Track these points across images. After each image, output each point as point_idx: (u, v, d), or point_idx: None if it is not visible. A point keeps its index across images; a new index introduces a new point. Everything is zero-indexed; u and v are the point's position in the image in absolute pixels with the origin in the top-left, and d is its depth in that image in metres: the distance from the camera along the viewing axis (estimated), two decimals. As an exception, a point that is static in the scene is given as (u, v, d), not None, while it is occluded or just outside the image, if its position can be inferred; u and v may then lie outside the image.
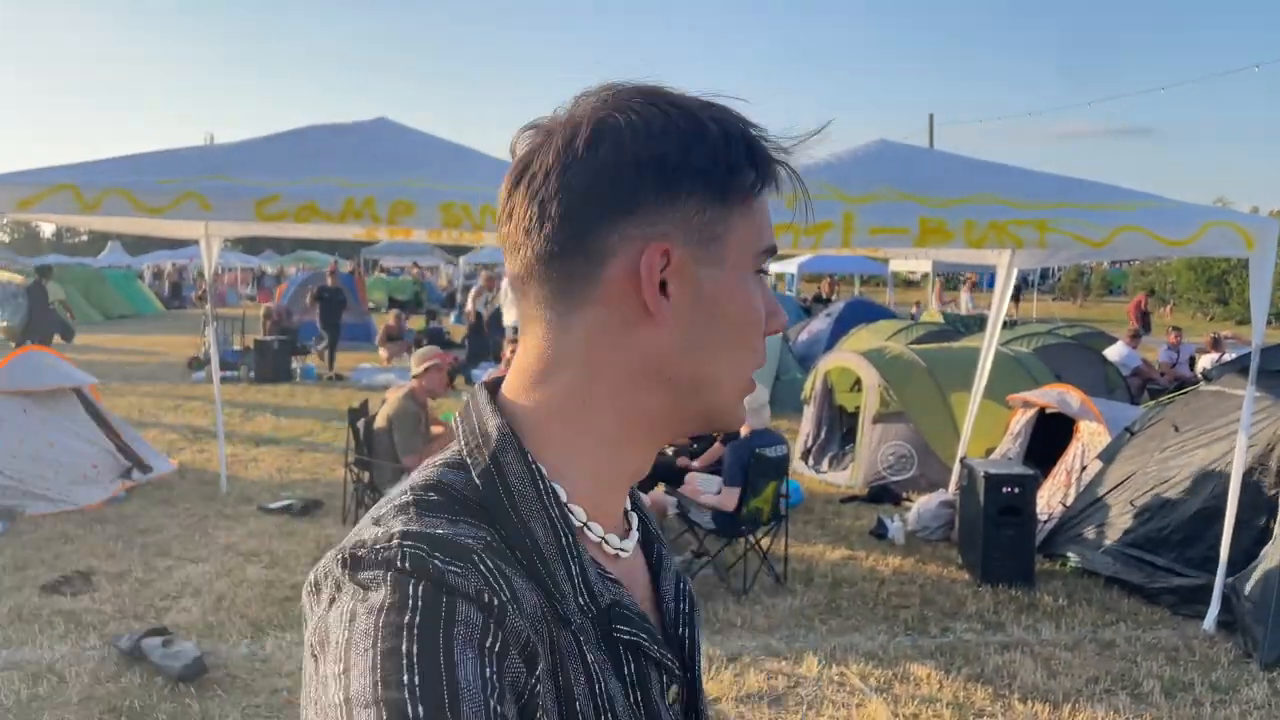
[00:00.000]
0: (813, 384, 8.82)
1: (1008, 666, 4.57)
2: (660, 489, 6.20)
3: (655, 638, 0.72)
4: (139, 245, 37.02)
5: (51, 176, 4.36)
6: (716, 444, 6.53)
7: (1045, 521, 6.22)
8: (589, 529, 0.72)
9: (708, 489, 5.69)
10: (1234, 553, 4.88)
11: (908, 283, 37.06)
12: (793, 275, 27.40)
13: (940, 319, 16.39)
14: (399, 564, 0.60)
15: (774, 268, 30.38)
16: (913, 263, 22.47)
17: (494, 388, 0.76)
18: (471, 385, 11.08)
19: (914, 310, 22.21)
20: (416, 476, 0.70)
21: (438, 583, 0.59)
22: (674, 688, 0.74)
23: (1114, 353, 11.61)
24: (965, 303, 23.57)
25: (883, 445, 7.77)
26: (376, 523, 0.65)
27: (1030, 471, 5.94)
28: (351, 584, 0.60)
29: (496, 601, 0.60)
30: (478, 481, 0.69)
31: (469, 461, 0.70)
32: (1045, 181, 5.14)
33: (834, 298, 21.05)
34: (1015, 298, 17.52)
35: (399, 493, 0.69)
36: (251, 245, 39.65)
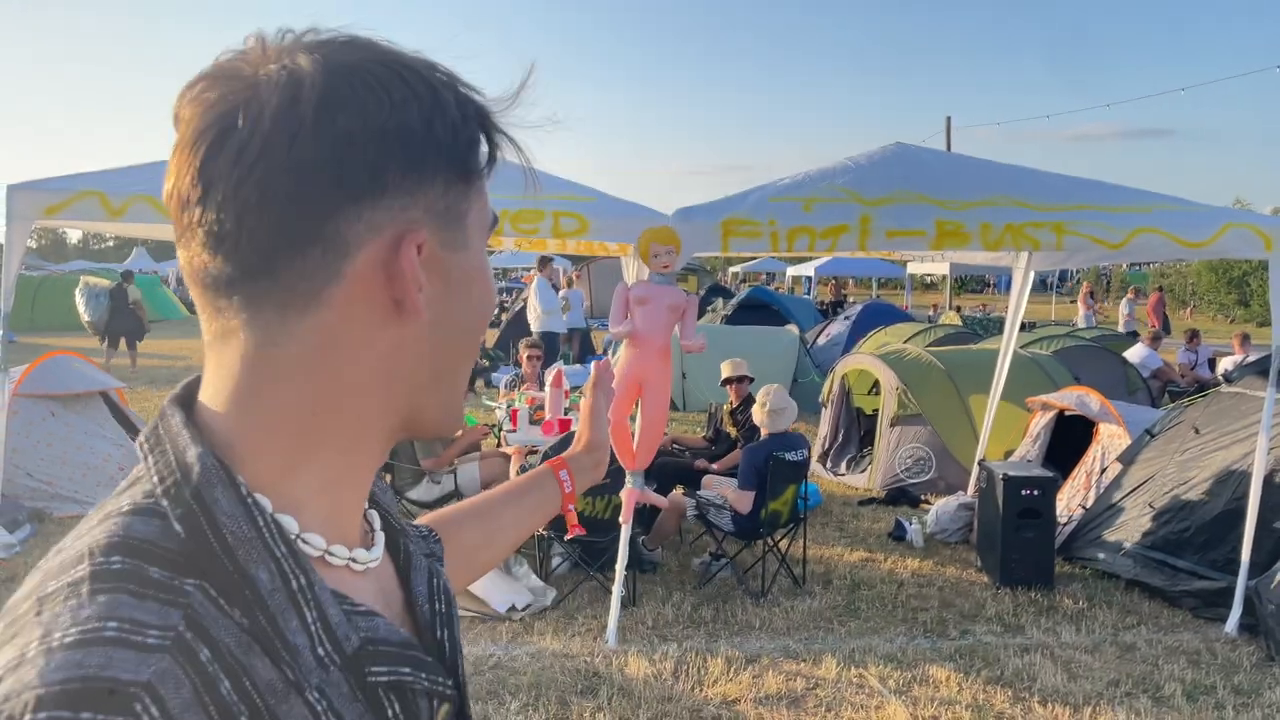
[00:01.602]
0: (830, 386, 8.82)
1: (1027, 669, 4.56)
2: (679, 490, 6.22)
3: (419, 664, 0.64)
4: (164, 250, 37.41)
5: (78, 183, 4.45)
6: (737, 449, 6.55)
7: (1065, 524, 6.19)
8: (331, 555, 0.62)
9: (725, 492, 5.71)
10: (1256, 555, 4.85)
11: (925, 285, 36.90)
12: (810, 279, 27.35)
13: (958, 321, 16.33)
14: None
15: (792, 270, 30.37)
16: (930, 266, 22.39)
17: (188, 405, 0.62)
18: (494, 389, 11.13)
19: (932, 313, 22.13)
20: (99, 529, 0.56)
21: None
22: (445, 706, 0.67)
23: (1134, 354, 11.54)
24: (1084, 317, 19.76)
25: (901, 447, 7.76)
26: (38, 610, 0.52)
27: (1050, 474, 5.92)
28: None
29: None
30: (179, 529, 0.56)
31: (165, 505, 0.57)
32: (1062, 184, 5.14)
33: (850, 299, 21.01)
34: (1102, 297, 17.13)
35: (76, 555, 0.54)
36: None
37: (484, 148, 0.63)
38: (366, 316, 0.60)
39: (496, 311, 19.69)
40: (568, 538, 5.22)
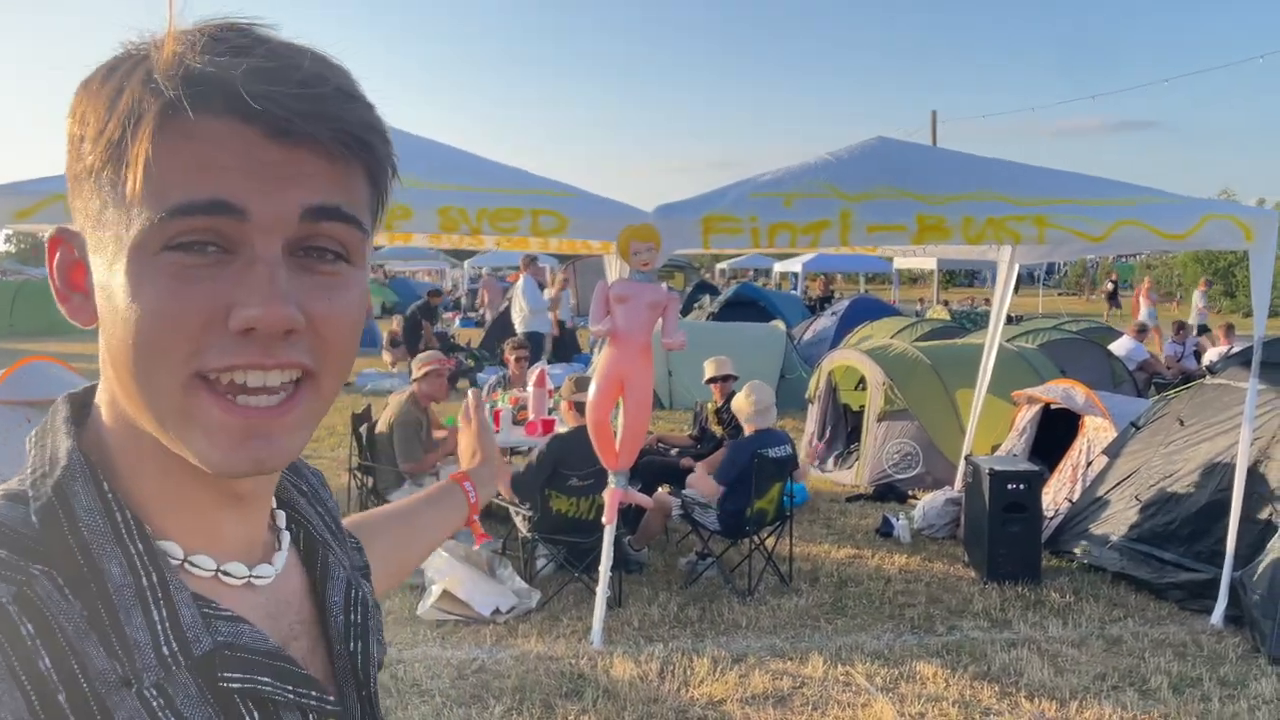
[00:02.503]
0: (817, 383, 8.81)
1: (1014, 664, 4.54)
2: (664, 490, 6.19)
3: (286, 676, 0.62)
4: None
5: (48, 186, 4.37)
6: (723, 447, 6.52)
7: (1051, 518, 6.19)
8: (192, 564, 0.61)
9: (709, 491, 5.67)
10: (1241, 546, 4.85)
11: (913, 280, 36.99)
12: (797, 274, 27.36)
13: (945, 316, 16.35)
14: None
15: (779, 266, 30.37)
16: (917, 260, 22.42)
17: (87, 399, 0.64)
18: (479, 390, 11.03)
19: (919, 307, 22.17)
20: None
21: None
22: None
23: (1120, 347, 11.56)
24: (1147, 314, 16.78)
25: (888, 443, 7.74)
26: None
27: (1035, 468, 5.91)
28: None
29: None
30: (34, 519, 0.57)
31: (31, 494, 0.59)
32: (1044, 177, 5.12)
33: (837, 295, 21.02)
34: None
35: None
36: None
37: (113, 133, 0.56)
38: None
39: (481, 311, 19.53)
40: (475, 546, 5.18)
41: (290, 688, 0.63)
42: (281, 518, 0.72)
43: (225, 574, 0.63)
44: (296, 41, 0.58)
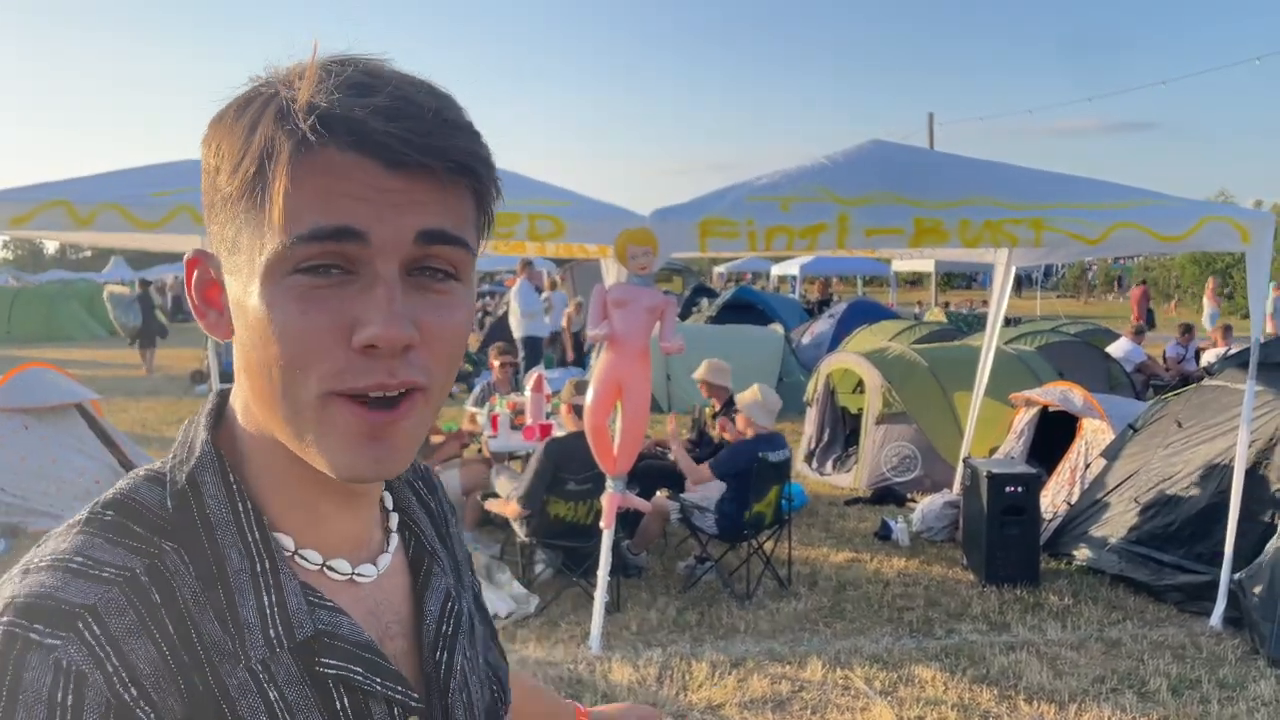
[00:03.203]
0: (815, 386, 8.80)
1: (1013, 667, 4.54)
2: (662, 494, 6.18)
3: (376, 669, 0.67)
4: (142, 260, 37.15)
5: (44, 193, 4.37)
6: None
7: (1050, 520, 6.19)
8: (302, 557, 0.68)
9: (707, 495, 5.67)
10: (1240, 548, 4.85)
11: (911, 283, 37.01)
12: (795, 277, 27.38)
13: (943, 318, 16.35)
14: None
15: (776, 269, 30.38)
16: (915, 263, 22.43)
17: (228, 398, 0.71)
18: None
19: (917, 310, 22.17)
20: (121, 484, 0.67)
21: (19, 662, 0.55)
22: (412, 718, 0.70)
23: (1117, 349, 11.56)
24: (1210, 315, 17.87)
25: (886, 446, 7.74)
26: (45, 541, 0.64)
27: (1034, 470, 5.91)
28: None
29: (90, 671, 0.56)
30: (169, 502, 0.65)
31: (168, 478, 0.67)
32: (1040, 180, 5.13)
33: (836, 298, 21.02)
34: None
35: (92, 502, 0.66)
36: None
37: (249, 168, 0.62)
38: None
39: (479, 315, 19.56)
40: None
41: (379, 680, 0.67)
42: (394, 520, 0.77)
43: (330, 569, 0.69)
44: (410, 75, 0.64)
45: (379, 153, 0.60)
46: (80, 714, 0.55)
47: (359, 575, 0.70)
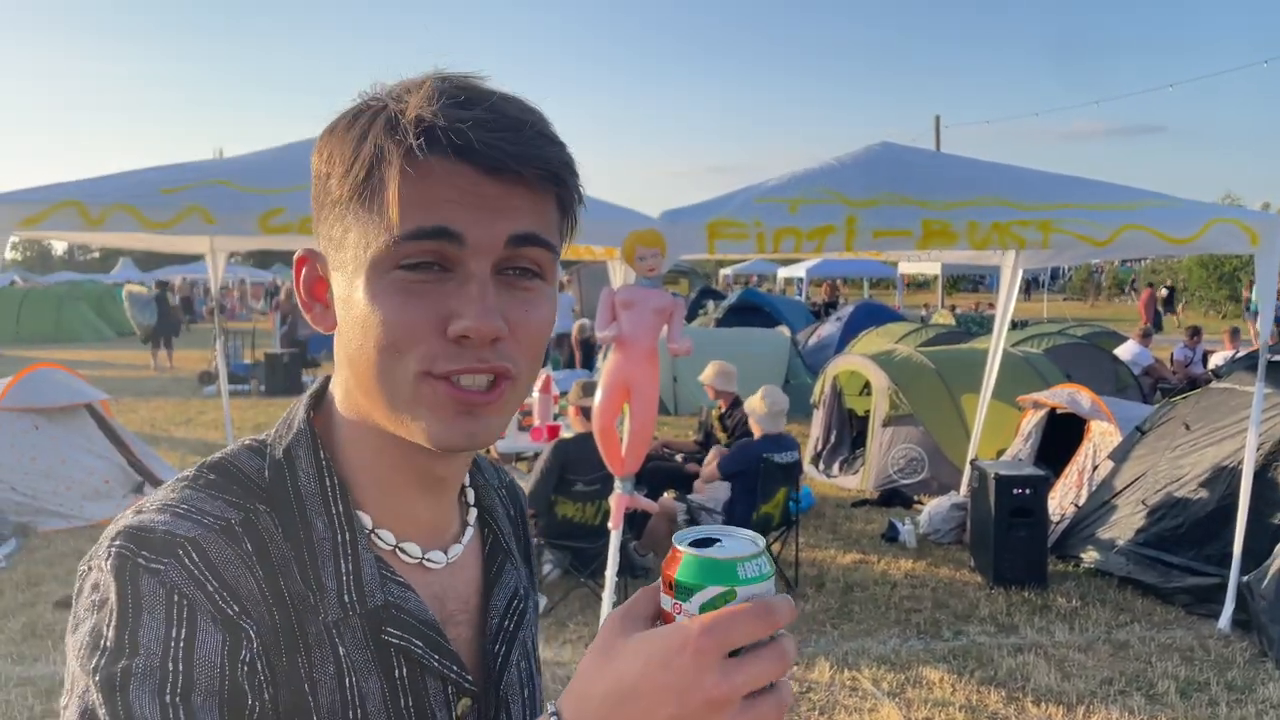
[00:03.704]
0: (822, 388, 8.80)
1: (1021, 669, 4.54)
2: (670, 495, 6.19)
3: (436, 646, 0.72)
4: (151, 260, 37.27)
5: (56, 193, 4.39)
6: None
7: (1058, 522, 6.18)
8: (378, 536, 0.73)
9: (715, 496, 5.68)
10: (1249, 550, 4.84)
11: (918, 285, 36.96)
12: (801, 280, 27.36)
13: (951, 321, 16.33)
14: (106, 562, 0.64)
15: (783, 272, 30.36)
16: (922, 265, 22.41)
17: (327, 384, 0.78)
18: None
19: (924, 312, 22.15)
20: (225, 450, 0.74)
21: (133, 578, 0.63)
22: (465, 700, 0.74)
23: (1125, 351, 11.53)
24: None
25: (893, 448, 7.74)
26: (162, 491, 0.71)
27: (1041, 472, 5.90)
28: (88, 565, 0.66)
29: (191, 591, 0.63)
30: (267, 471, 0.72)
31: (268, 450, 0.74)
32: (1048, 182, 5.12)
33: (843, 300, 21.00)
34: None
35: (200, 462, 0.73)
36: (263, 259, 39.89)
37: (359, 172, 0.67)
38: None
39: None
40: None
41: (437, 657, 0.72)
42: (473, 514, 0.82)
43: (402, 550, 0.74)
44: (504, 91, 0.70)
45: (478, 160, 0.65)
46: (194, 623, 0.63)
47: (429, 561, 0.75)
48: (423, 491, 0.75)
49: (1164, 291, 28.32)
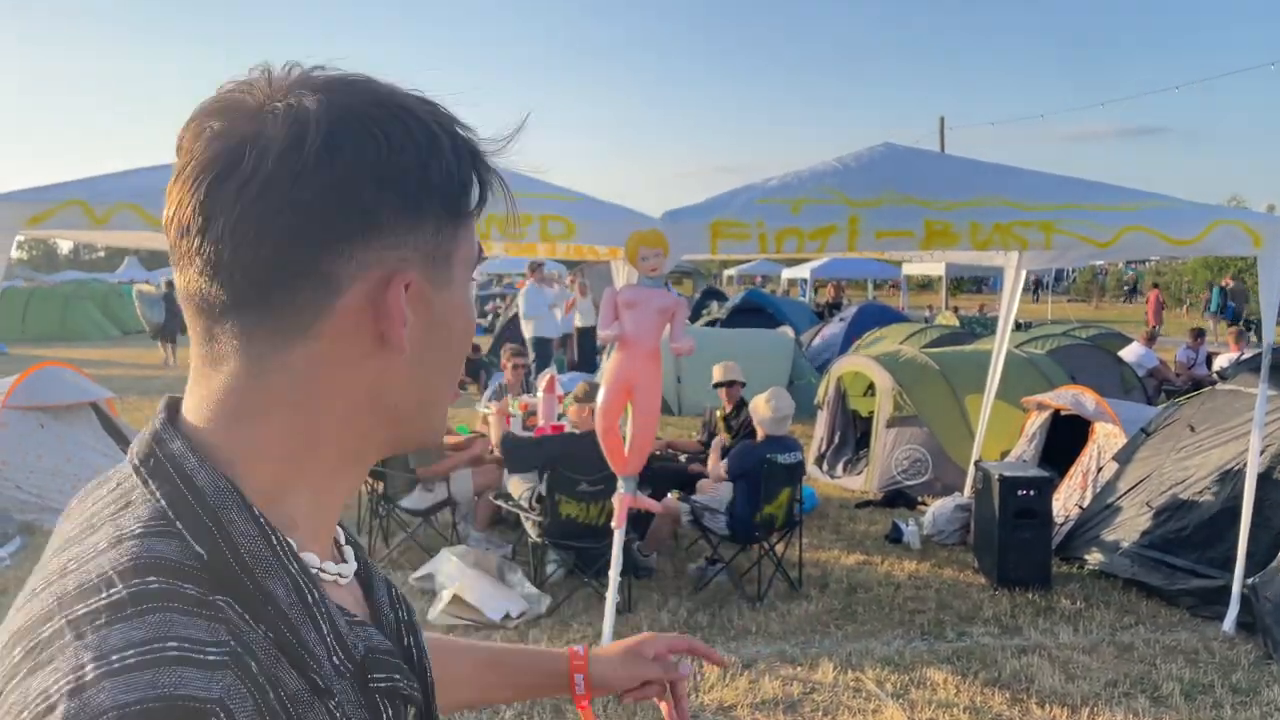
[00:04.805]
0: (826, 389, 8.80)
1: (1025, 670, 4.53)
2: (673, 495, 6.19)
3: (403, 670, 0.68)
4: (156, 259, 37.35)
5: (61, 192, 4.40)
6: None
7: (1062, 524, 6.17)
8: (323, 572, 0.66)
9: (719, 496, 5.68)
10: (1253, 553, 4.83)
11: (921, 286, 36.93)
12: (805, 281, 27.35)
13: (955, 322, 16.32)
14: None
15: (787, 273, 30.36)
16: (926, 266, 22.38)
17: (169, 434, 0.63)
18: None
19: (928, 313, 22.13)
20: (115, 553, 0.57)
21: None
22: (412, 709, 0.70)
23: (1129, 353, 11.52)
24: None
25: (897, 449, 7.73)
26: (78, 634, 0.52)
27: (1046, 474, 5.89)
28: None
29: None
30: (200, 550, 0.58)
31: (180, 527, 0.59)
32: (1051, 183, 5.12)
33: (847, 301, 20.99)
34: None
35: (100, 579, 0.55)
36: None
37: (475, 189, 0.66)
38: (353, 349, 0.63)
39: (490, 318, 19.61)
40: None
41: (405, 680, 0.68)
42: None
43: (341, 576, 0.68)
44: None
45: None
46: None
47: (341, 577, 0.69)
48: (337, 509, 0.69)
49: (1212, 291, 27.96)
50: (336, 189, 0.59)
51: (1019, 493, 5.65)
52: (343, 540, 0.73)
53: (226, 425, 0.62)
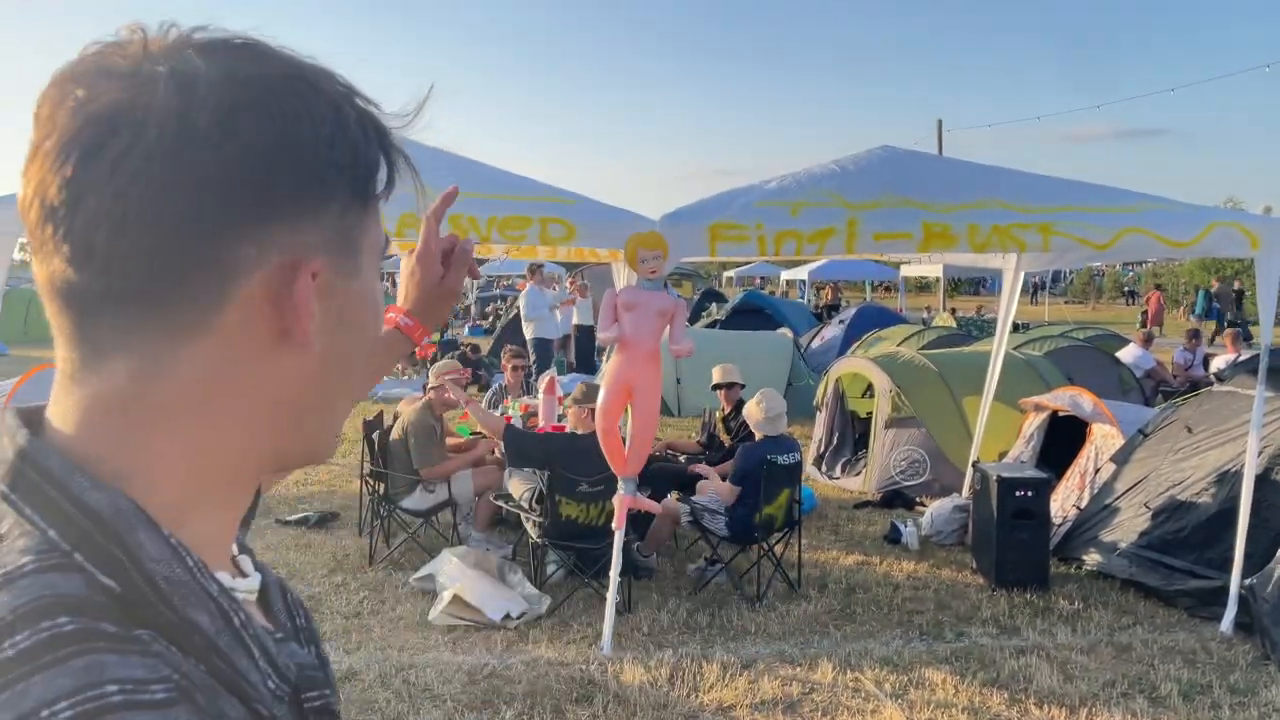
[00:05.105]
0: (824, 390, 8.82)
1: (1023, 671, 4.55)
2: (673, 497, 6.21)
3: (327, 684, 0.63)
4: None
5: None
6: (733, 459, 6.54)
7: (1059, 525, 6.19)
8: (237, 590, 0.59)
9: (718, 497, 5.69)
10: (1251, 554, 4.85)
11: (919, 288, 36.97)
12: (804, 282, 27.39)
13: (953, 323, 16.35)
14: None
15: (786, 274, 30.39)
16: (924, 268, 22.42)
17: (43, 444, 0.54)
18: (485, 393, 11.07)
19: (926, 315, 22.16)
20: (7, 597, 0.48)
21: None
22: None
23: (1127, 354, 11.55)
24: None
25: (895, 450, 7.76)
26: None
27: (1044, 475, 5.92)
28: None
29: None
30: (108, 581, 0.50)
31: (79, 557, 0.50)
32: (1049, 185, 5.15)
33: (845, 303, 21.03)
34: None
35: (12, 629, 0.47)
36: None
37: (383, 170, 0.59)
38: (252, 346, 0.56)
39: (490, 319, 19.55)
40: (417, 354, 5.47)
41: (329, 693, 0.63)
42: None
43: (250, 592, 0.62)
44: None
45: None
46: None
47: (251, 592, 0.63)
48: (236, 521, 0.62)
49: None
50: (231, 165, 0.52)
51: (1017, 493, 5.68)
52: (236, 551, 0.65)
53: (115, 435, 0.54)
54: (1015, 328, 8.97)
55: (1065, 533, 6.13)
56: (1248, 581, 4.82)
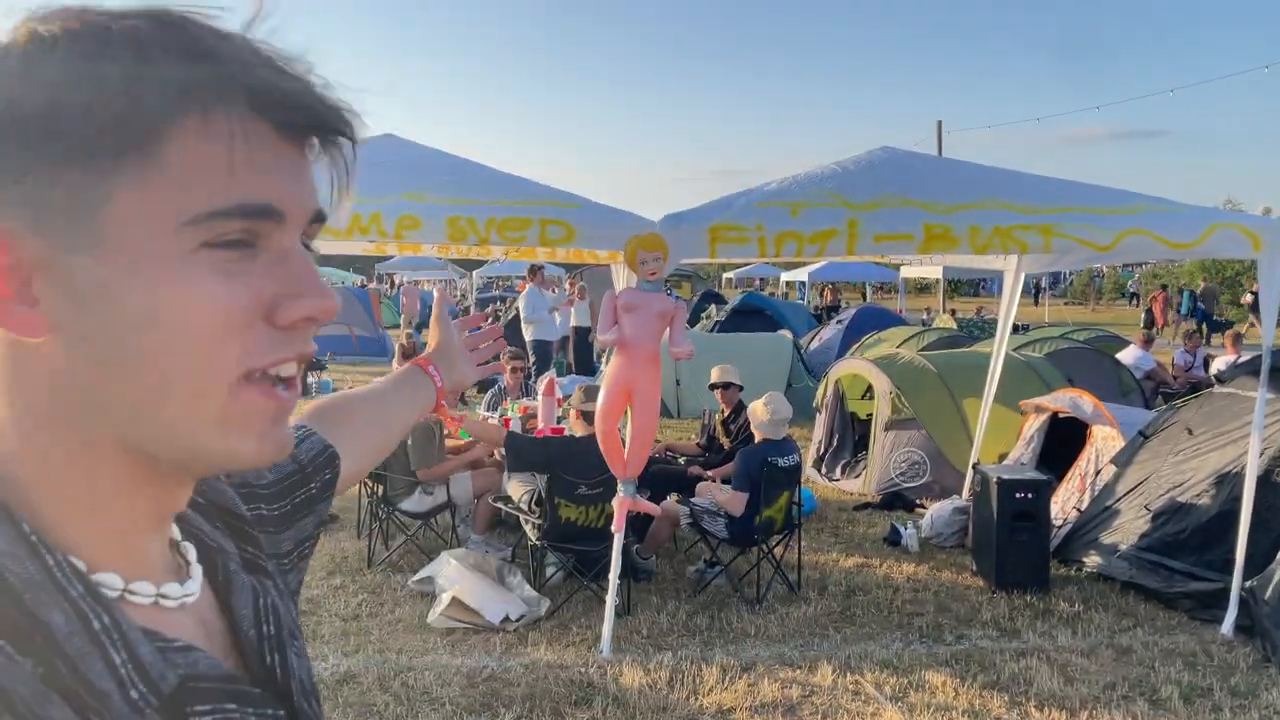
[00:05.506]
0: (824, 391, 8.81)
1: (1024, 673, 4.54)
2: (673, 499, 6.19)
3: (246, 699, 0.60)
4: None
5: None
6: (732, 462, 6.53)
7: (1060, 527, 6.18)
8: (131, 593, 0.56)
9: (718, 499, 5.68)
10: (1252, 556, 4.84)
11: (919, 289, 36.97)
12: (804, 283, 27.38)
13: (953, 324, 16.34)
14: None
15: (786, 276, 30.38)
16: (923, 269, 22.41)
17: None
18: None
19: (925, 316, 22.15)
20: None
21: None
22: None
23: (1127, 356, 11.54)
24: None
25: (895, 452, 7.74)
26: None
27: (1044, 477, 5.90)
28: None
29: None
30: None
31: None
32: (1050, 186, 5.14)
33: (845, 304, 21.02)
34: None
35: None
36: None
37: (151, 116, 0.50)
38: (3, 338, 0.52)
39: (490, 319, 19.65)
40: (445, 431, 5.76)
41: (251, 710, 0.60)
42: (176, 531, 0.65)
43: (164, 597, 0.58)
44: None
45: (274, 115, 0.52)
46: None
47: (187, 596, 0.60)
48: (156, 528, 0.60)
49: (1248, 297, 27.86)
50: None
51: (1017, 495, 5.66)
52: (191, 558, 0.63)
53: None
54: (1015, 329, 8.97)
55: (1065, 535, 6.12)
56: (1248, 584, 4.81)
